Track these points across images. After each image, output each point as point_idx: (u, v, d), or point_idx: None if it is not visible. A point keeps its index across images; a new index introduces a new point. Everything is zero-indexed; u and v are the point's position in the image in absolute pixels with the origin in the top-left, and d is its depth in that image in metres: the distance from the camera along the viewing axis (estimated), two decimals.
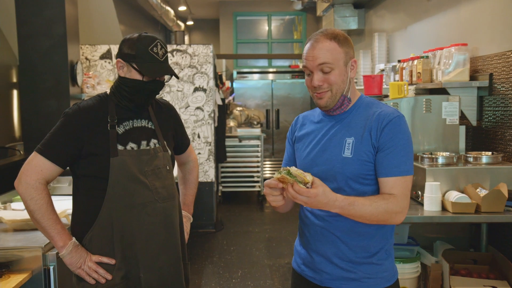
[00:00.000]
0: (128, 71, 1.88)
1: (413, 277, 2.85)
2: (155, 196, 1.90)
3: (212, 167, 5.71)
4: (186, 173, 2.28)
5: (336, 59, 1.63)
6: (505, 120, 2.96)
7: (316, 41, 1.64)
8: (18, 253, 2.20)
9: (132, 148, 1.89)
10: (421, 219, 2.64)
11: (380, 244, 1.69)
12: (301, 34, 9.81)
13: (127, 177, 1.85)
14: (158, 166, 1.93)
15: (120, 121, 1.90)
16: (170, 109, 2.12)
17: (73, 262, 1.82)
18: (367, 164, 1.63)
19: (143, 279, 1.88)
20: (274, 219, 6.25)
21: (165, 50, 1.91)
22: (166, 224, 1.94)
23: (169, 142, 2.03)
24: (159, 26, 10.11)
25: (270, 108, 8.58)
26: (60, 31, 3.91)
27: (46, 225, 1.81)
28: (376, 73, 4.57)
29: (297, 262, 1.83)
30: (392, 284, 1.70)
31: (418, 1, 4.34)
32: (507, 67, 2.92)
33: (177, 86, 5.58)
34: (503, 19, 2.98)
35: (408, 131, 1.65)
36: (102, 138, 1.84)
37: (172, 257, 1.96)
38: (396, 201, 1.59)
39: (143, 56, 1.85)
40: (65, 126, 1.84)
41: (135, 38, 1.87)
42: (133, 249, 1.87)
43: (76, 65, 4.04)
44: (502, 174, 2.74)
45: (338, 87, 1.65)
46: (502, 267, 2.79)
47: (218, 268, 4.52)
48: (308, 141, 1.76)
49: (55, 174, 1.84)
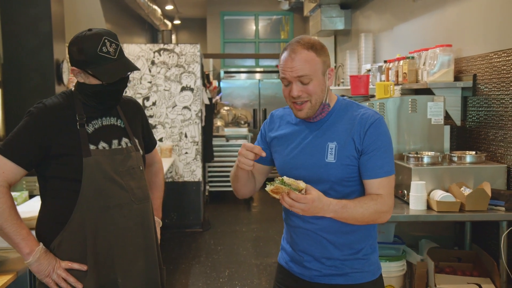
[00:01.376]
0: (86, 77, 1.75)
1: (399, 275, 2.87)
2: (132, 197, 1.81)
3: (199, 167, 5.70)
4: (152, 175, 2.13)
5: (314, 70, 1.62)
6: (488, 120, 3.00)
7: (294, 52, 1.61)
8: (3, 254, 2.17)
9: (104, 147, 1.78)
10: (406, 218, 2.67)
11: (365, 241, 1.72)
12: (288, 34, 9.82)
13: (102, 177, 1.75)
14: (132, 166, 1.84)
15: (88, 120, 1.78)
16: (136, 105, 2.00)
17: (41, 270, 1.70)
18: (350, 168, 1.65)
19: (121, 284, 1.78)
20: (261, 218, 6.26)
21: (115, 44, 1.74)
22: (143, 227, 1.85)
23: (139, 140, 1.93)
24: (146, 25, 10.06)
25: (257, 107, 8.59)
26: (46, 29, 3.88)
27: (9, 231, 1.67)
28: (363, 73, 4.59)
29: (284, 259, 1.83)
30: (377, 278, 1.75)
31: (404, 2, 4.37)
32: (490, 68, 2.96)
33: (164, 86, 5.55)
34: (486, 21, 3.02)
35: (388, 132, 1.69)
36: (71, 137, 1.74)
37: (150, 260, 1.88)
38: (384, 201, 1.63)
39: (94, 60, 1.70)
40: (29, 126, 1.72)
41: (80, 40, 1.72)
42: (109, 253, 1.77)
43: (62, 63, 4.00)
44: (486, 173, 2.77)
45: (318, 97, 1.65)
46: (486, 264, 2.82)
47: (205, 268, 4.51)
48: (287, 143, 1.75)
49: (18, 176, 1.71)
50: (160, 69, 5.55)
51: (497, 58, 2.89)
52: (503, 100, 2.85)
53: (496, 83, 2.91)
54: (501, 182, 2.77)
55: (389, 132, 1.69)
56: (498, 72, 2.88)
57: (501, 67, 2.85)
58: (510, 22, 2.79)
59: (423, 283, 2.82)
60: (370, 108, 1.72)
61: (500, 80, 2.87)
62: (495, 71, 2.91)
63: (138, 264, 1.84)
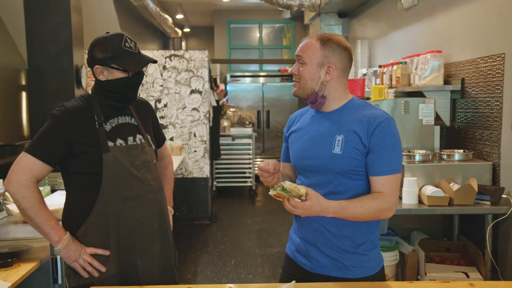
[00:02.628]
0: (110, 73, 1.79)
1: (392, 264, 2.88)
2: (148, 188, 1.85)
3: (207, 164, 5.71)
4: (163, 168, 2.17)
5: (311, 57, 1.64)
6: (475, 121, 3.00)
7: (309, 37, 1.67)
8: (28, 244, 2.19)
9: (120, 144, 1.82)
10: (399, 211, 2.67)
11: (366, 236, 1.68)
12: (290, 41, 9.82)
13: (120, 171, 1.78)
14: (147, 160, 1.87)
15: (106, 119, 1.82)
16: (147, 105, 2.04)
17: (69, 256, 1.75)
18: (355, 161, 1.62)
19: (140, 267, 1.83)
20: (264, 211, 6.26)
21: (134, 42, 1.83)
22: (159, 215, 1.90)
23: (151, 136, 1.97)
24: (158, 33, 10.08)
25: (261, 109, 8.59)
26: (66, 38, 3.90)
27: (39, 222, 1.73)
28: (359, 77, 4.60)
29: (291, 249, 1.83)
30: (377, 272, 1.70)
31: (397, 12, 4.37)
32: (477, 73, 2.96)
33: (174, 89, 5.57)
34: (473, 29, 3.02)
35: (397, 132, 1.64)
36: (91, 136, 1.77)
37: (165, 244, 1.93)
38: (386, 199, 1.59)
39: (120, 54, 1.76)
40: (53, 127, 1.76)
41: (104, 40, 1.78)
42: (129, 239, 1.81)
43: (80, 68, 4.02)
44: (473, 170, 2.78)
45: (305, 82, 1.66)
46: (472, 254, 2.83)
47: (213, 257, 4.52)
48: (300, 135, 1.75)
49: (45, 172, 1.76)
50: (171, 74, 5.57)
51: (483, 63, 2.89)
52: (489, 103, 2.85)
53: (482, 86, 2.92)
54: (487, 178, 2.78)
55: (398, 133, 1.64)
56: (484, 76, 2.88)
57: (487, 72, 2.86)
58: (495, 30, 2.79)
59: (415, 271, 2.83)
60: (381, 110, 1.69)
61: (486, 83, 2.87)
62: (482, 75, 2.91)
63: (155, 248, 1.88)
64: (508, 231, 2.66)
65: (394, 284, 1.66)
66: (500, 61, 2.72)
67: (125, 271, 1.82)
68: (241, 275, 4.09)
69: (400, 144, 1.65)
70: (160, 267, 1.90)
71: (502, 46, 2.71)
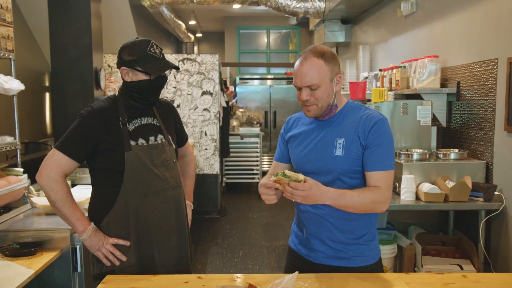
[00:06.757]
0: (134, 75, 1.82)
1: (390, 257, 2.88)
2: (166, 185, 1.87)
3: (217, 161, 5.73)
4: (185, 165, 2.19)
5: (322, 77, 1.60)
6: (470, 122, 2.99)
7: (305, 59, 1.60)
8: (50, 234, 2.23)
9: (142, 143, 1.84)
10: (398, 207, 2.68)
11: (366, 228, 1.70)
12: (296, 45, 9.82)
13: (141, 168, 1.80)
14: (167, 158, 1.89)
15: (129, 119, 1.84)
16: (170, 107, 2.06)
17: (92, 245, 1.78)
18: (356, 161, 1.63)
19: (157, 258, 1.85)
20: (271, 206, 6.26)
21: (160, 48, 1.85)
22: (176, 210, 1.91)
23: (173, 136, 1.98)
24: (172, 38, 10.11)
25: (268, 109, 8.59)
26: (87, 42, 3.94)
27: (66, 213, 1.77)
28: (361, 80, 4.59)
29: (294, 242, 1.83)
30: (376, 262, 1.72)
31: (397, 19, 4.35)
32: (471, 77, 2.95)
33: (187, 90, 5.59)
34: (469, 36, 3.01)
35: (391, 132, 1.66)
36: (115, 135, 1.79)
37: (182, 238, 1.94)
38: (381, 192, 1.59)
39: (144, 58, 1.79)
40: (80, 126, 1.79)
41: (132, 44, 1.81)
42: (148, 232, 1.83)
43: (99, 71, 4.06)
44: (467, 168, 2.77)
45: (324, 102, 1.64)
46: (466, 248, 2.82)
47: (222, 249, 4.54)
48: (301, 140, 1.75)
49: (73, 168, 1.80)
50: (183, 76, 5.59)
51: (478, 68, 2.88)
52: (483, 105, 2.84)
53: (477, 89, 2.90)
54: (480, 176, 2.77)
55: (391, 132, 1.66)
56: (479, 80, 2.87)
57: (481, 76, 2.84)
58: (488, 37, 2.77)
59: (412, 264, 2.82)
60: (375, 110, 1.70)
61: (481, 87, 2.86)
62: (476, 79, 2.90)
63: (171, 241, 1.89)
64: (500, 226, 2.65)
65: (392, 275, 1.67)
66: (493, 66, 2.71)
67: (143, 261, 1.83)
68: (248, 266, 4.11)
69: (393, 143, 1.66)
70: (176, 259, 1.91)
71: (496, 52, 2.70)
